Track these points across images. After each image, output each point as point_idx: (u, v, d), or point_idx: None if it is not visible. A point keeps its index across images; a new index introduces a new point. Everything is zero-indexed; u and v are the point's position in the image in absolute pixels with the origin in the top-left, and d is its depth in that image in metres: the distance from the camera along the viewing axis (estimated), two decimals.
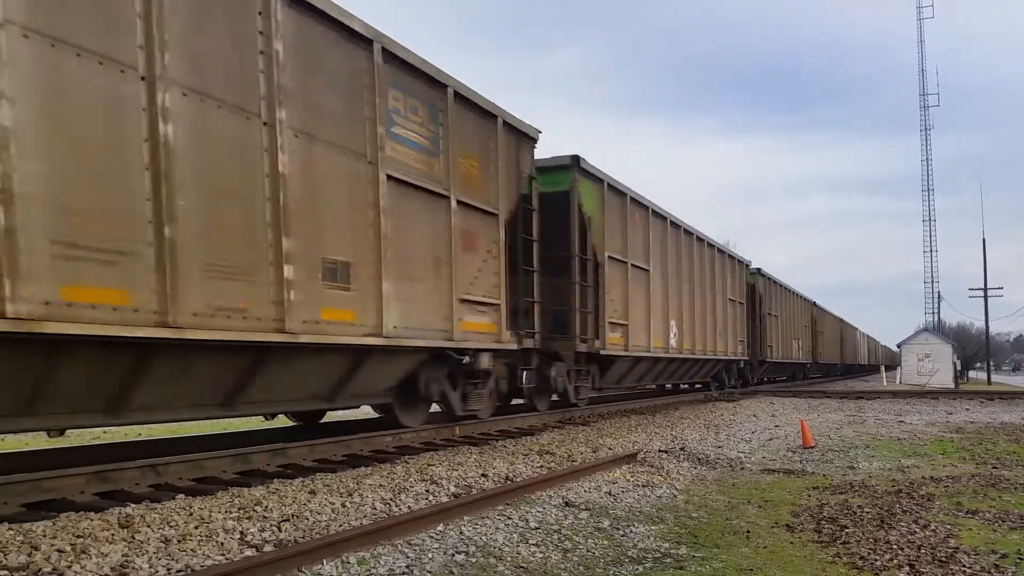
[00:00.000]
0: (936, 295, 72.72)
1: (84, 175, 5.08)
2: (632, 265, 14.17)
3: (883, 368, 47.47)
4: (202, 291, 5.83)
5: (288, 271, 6.57)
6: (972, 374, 69.15)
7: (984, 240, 45.47)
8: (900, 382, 39.49)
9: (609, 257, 13.16)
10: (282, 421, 9.96)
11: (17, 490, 5.07)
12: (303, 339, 6.68)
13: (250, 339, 6.18)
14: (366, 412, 11.89)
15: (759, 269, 25.57)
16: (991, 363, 52.52)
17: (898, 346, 44.88)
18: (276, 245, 6.48)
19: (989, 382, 46.71)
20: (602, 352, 12.99)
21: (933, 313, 72.98)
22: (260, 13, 6.46)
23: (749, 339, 23.76)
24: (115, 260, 5.22)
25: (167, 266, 5.55)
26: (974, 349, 75.49)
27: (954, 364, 41.63)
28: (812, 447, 10.09)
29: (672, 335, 16.44)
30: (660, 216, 15.89)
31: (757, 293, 25.21)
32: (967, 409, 17.14)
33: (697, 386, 22.67)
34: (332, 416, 11.02)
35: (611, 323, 13.23)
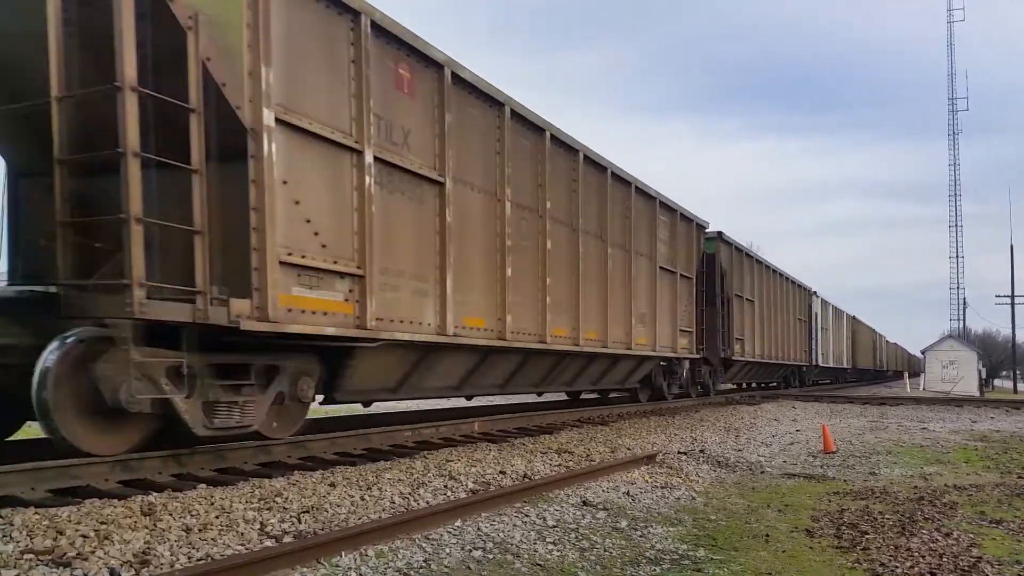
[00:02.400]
0: (962, 301, 71.74)
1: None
2: (745, 299, 21.28)
3: (907, 374, 46.98)
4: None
5: (635, 325, 13.45)
6: (997, 382, 68.06)
7: (1012, 246, 44.78)
8: (923, 389, 39.01)
9: (735, 295, 20.07)
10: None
11: (44, 476, 5.14)
12: (635, 352, 13.57)
13: (612, 352, 12.64)
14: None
15: (815, 292, 32.09)
16: (1017, 372, 51.73)
17: (922, 352, 44.36)
18: (629, 313, 13.26)
19: (1015, 391, 46.03)
20: (732, 357, 19.78)
21: (958, 319, 72.02)
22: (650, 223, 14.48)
23: (808, 348, 30.84)
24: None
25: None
26: (1000, 357, 74.32)
27: (979, 372, 41.04)
28: (833, 452, 10.01)
29: (766, 346, 23.47)
30: (758, 261, 23.13)
31: (813, 311, 31.63)
32: (992, 418, 16.91)
33: (772, 384, 28.93)
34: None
35: (736, 338, 20.05)
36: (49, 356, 5.04)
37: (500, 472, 6.94)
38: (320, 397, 7.45)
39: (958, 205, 76.40)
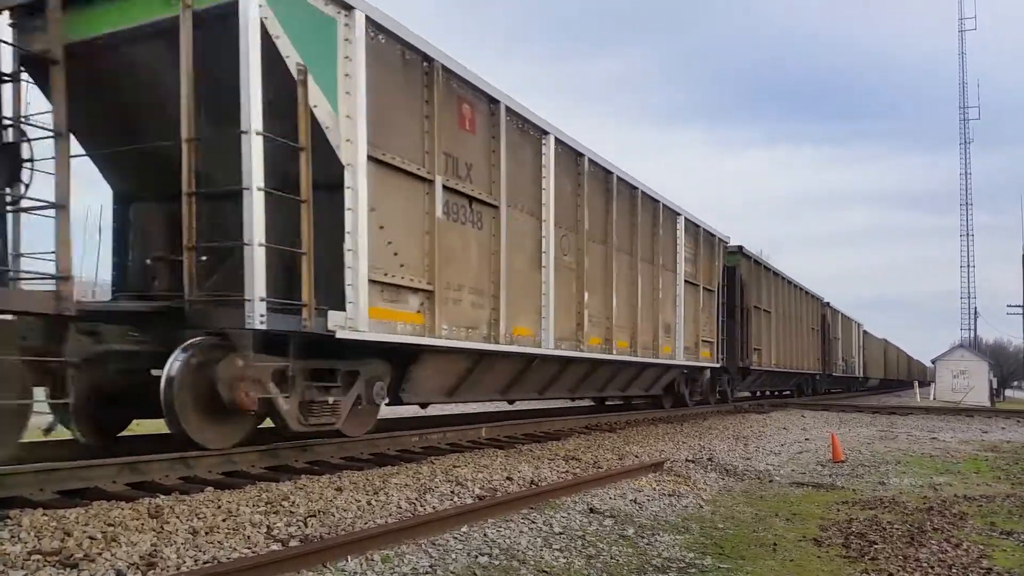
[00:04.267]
0: (973, 311, 71.30)
1: None
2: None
3: (916, 384, 46.72)
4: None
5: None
6: (1009, 393, 67.54)
7: (1023, 256, 44.49)
8: (934, 399, 38.78)
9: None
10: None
11: (53, 477, 5.17)
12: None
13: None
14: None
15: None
16: None
17: (932, 362, 44.12)
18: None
19: None
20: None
21: (969, 329, 71.55)
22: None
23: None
24: None
25: None
26: (1011, 367, 73.85)
27: (990, 381, 40.80)
28: (842, 461, 9.95)
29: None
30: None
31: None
32: (1003, 428, 16.78)
33: (786, 392, 29.65)
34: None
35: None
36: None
37: (507, 478, 6.93)
38: None
39: (969, 214, 75.94)
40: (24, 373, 5.30)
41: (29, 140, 6.14)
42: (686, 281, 15.25)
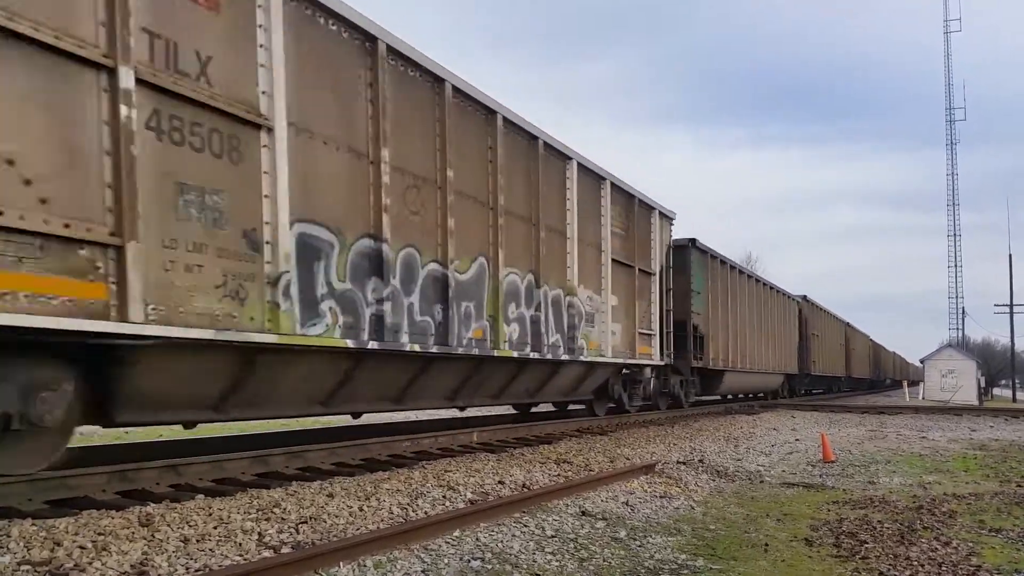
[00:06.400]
0: (960, 310, 71.85)
1: None
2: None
3: (905, 384, 46.94)
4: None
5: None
6: (996, 391, 67.96)
7: (1010, 255, 44.82)
8: (923, 398, 39.00)
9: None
10: None
11: (41, 487, 5.14)
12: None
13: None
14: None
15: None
16: (1016, 380, 51.74)
17: (921, 362, 44.36)
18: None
19: (1014, 399, 46.03)
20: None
21: (957, 329, 72.07)
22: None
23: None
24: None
25: None
26: (999, 366, 74.31)
27: (978, 381, 41.04)
28: (832, 461, 10.00)
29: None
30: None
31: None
32: (991, 426, 16.90)
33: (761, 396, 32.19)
34: None
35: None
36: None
37: (499, 482, 6.93)
38: None
39: (956, 214, 76.86)
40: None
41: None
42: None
